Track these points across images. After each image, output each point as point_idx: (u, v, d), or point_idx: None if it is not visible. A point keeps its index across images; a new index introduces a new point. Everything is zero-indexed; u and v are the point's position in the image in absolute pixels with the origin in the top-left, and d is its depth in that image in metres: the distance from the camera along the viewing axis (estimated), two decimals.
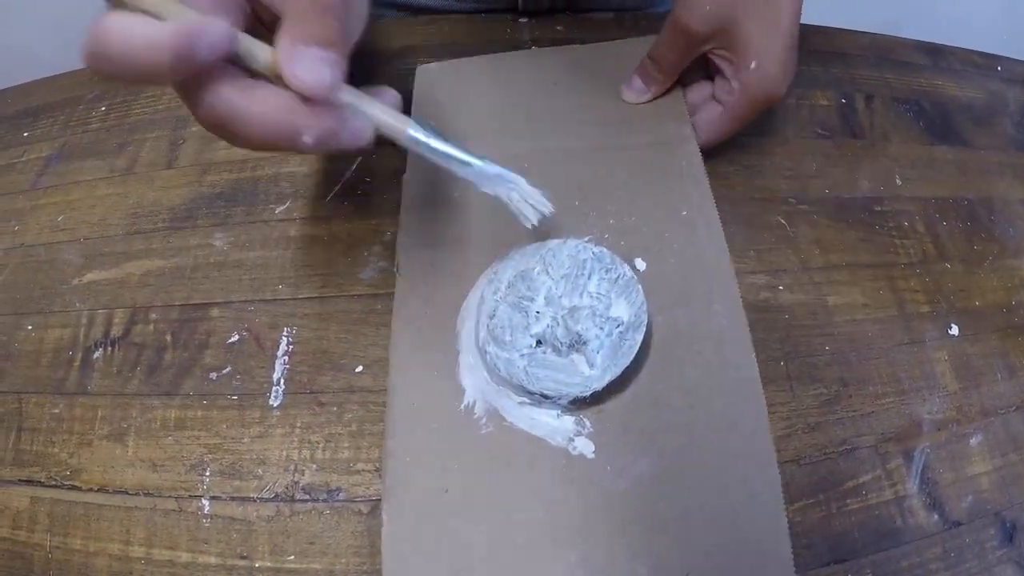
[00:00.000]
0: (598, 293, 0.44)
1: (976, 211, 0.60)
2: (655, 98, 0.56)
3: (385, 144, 0.56)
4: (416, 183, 0.53)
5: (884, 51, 0.72)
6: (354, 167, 0.56)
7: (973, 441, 0.48)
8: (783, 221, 0.55)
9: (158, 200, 0.56)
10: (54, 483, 0.45)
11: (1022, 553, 0.45)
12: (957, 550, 0.44)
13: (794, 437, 0.46)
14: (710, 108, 0.53)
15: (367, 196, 0.54)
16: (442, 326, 0.46)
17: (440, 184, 0.52)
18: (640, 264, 0.48)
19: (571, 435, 0.43)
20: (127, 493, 0.44)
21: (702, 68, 0.55)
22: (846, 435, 0.46)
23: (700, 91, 0.55)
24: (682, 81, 0.56)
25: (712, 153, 0.55)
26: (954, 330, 0.52)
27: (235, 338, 0.48)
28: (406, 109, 0.41)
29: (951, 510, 0.45)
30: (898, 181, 0.60)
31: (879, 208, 0.58)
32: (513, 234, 0.48)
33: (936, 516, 0.45)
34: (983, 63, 0.74)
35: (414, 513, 0.41)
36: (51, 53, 0.69)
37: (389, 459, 0.42)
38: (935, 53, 0.73)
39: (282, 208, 0.54)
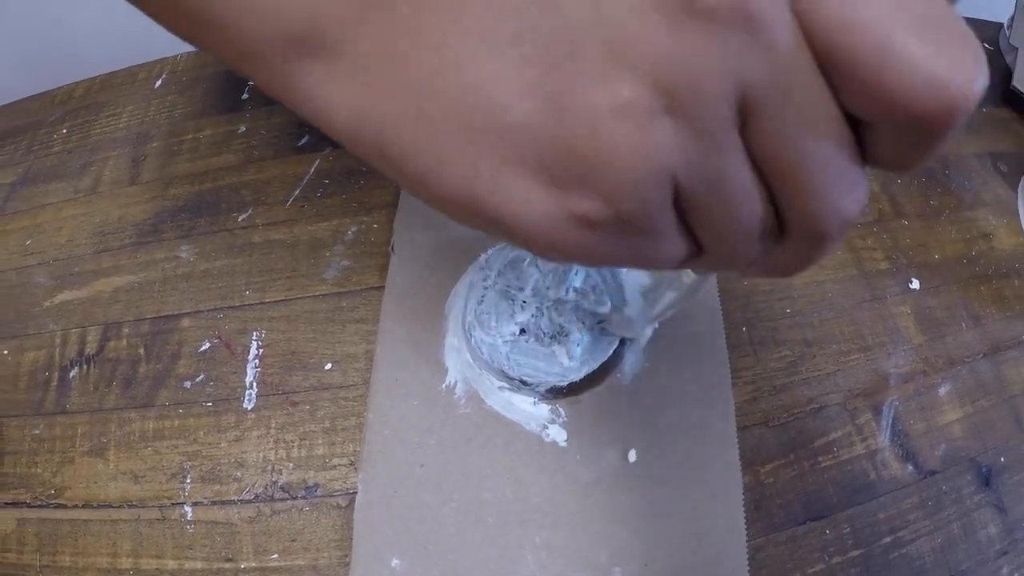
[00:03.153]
0: (583, 289, 0.45)
1: (931, 167, 0.60)
2: None
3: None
4: None
5: None
6: (312, 170, 0.56)
7: (942, 391, 0.49)
8: None
9: (123, 217, 0.57)
10: (40, 503, 0.45)
11: (1000, 497, 0.46)
12: (935, 498, 0.45)
13: (761, 400, 0.46)
14: None
15: (326, 198, 0.55)
16: (431, 307, 0.47)
17: None
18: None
19: (546, 422, 0.44)
20: (111, 506, 0.45)
21: None
22: (813, 394, 0.47)
23: None
24: None
25: None
26: (915, 284, 0.53)
27: (206, 346, 0.49)
28: None
29: (925, 460, 0.46)
30: None
31: None
32: None
33: (910, 467, 0.46)
34: None
35: (388, 484, 0.42)
36: (11, 79, 0.69)
37: (368, 430, 0.43)
38: None
39: (244, 216, 0.55)
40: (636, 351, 0.46)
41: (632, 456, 0.43)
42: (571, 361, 0.43)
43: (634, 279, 0.45)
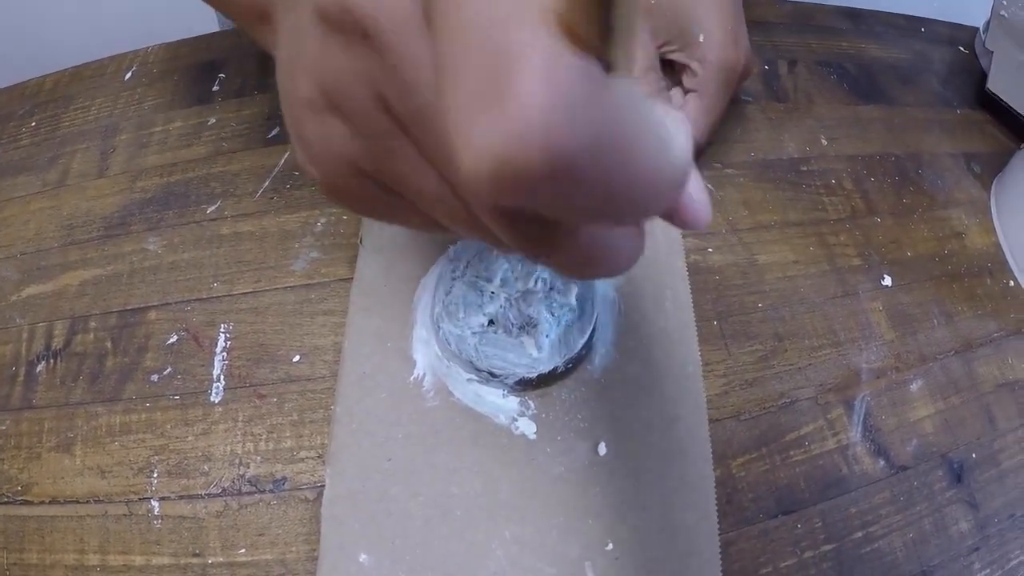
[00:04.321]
0: (552, 280, 0.45)
1: (904, 166, 0.61)
2: None
3: None
4: None
5: (805, 17, 0.73)
6: (281, 162, 0.56)
7: (914, 387, 0.49)
8: (709, 186, 0.56)
9: (91, 210, 0.56)
10: (6, 500, 0.44)
11: (972, 492, 0.46)
12: (906, 494, 0.45)
13: (732, 394, 0.46)
14: (686, 103, 0.54)
15: (295, 190, 0.55)
16: (399, 299, 0.47)
17: None
18: None
19: (515, 415, 0.43)
20: (78, 502, 0.44)
21: (671, 75, 0.56)
22: (784, 388, 0.47)
23: (674, 96, 0.56)
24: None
25: None
26: (887, 281, 0.53)
27: (174, 339, 0.48)
28: None
29: (896, 455, 0.46)
30: (824, 141, 0.61)
31: (805, 168, 0.59)
32: None
33: (882, 462, 0.46)
34: (907, 25, 0.76)
35: (356, 478, 0.41)
36: None
37: (335, 424, 0.43)
38: (856, 17, 0.75)
39: (213, 208, 0.54)
40: (606, 343, 0.46)
41: (602, 449, 0.42)
42: (540, 352, 0.43)
43: None
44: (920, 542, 0.44)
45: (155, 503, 0.43)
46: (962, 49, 0.75)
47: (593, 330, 0.44)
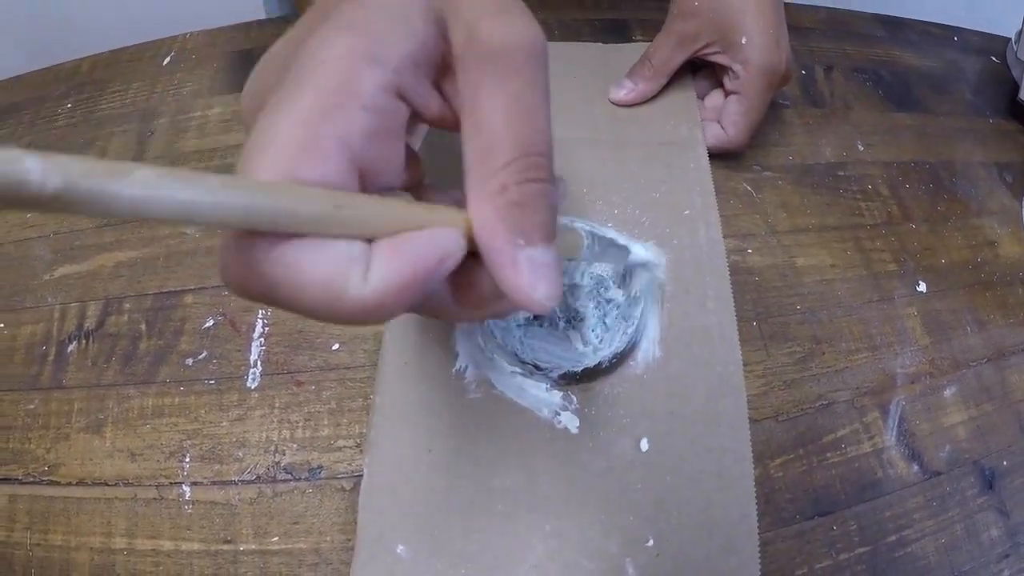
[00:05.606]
0: (600, 275, 0.45)
1: (938, 174, 0.61)
2: (641, 98, 0.57)
3: None
4: (428, 154, 0.53)
5: (841, 24, 0.73)
6: None
7: (947, 393, 0.49)
8: (749, 188, 0.56)
9: None
10: (32, 479, 0.44)
11: (1002, 500, 0.46)
12: (939, 499, 0.45)
13: (771, 394, 0.46)
14: (728, 104, 0.55)
15: None
16: None
17: (453, 157, 0.52)
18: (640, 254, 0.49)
19: (558, 409, 0.43)
20: (106, 485, 0.43)
21: (713, 77, 0.57)
22: (822, 391, 0.47)
23: (716, 97, 0.57)
24: (698, 92, 0.58)
25: None
26: (922, 287, 0.53)
27: (210, 323, 0.48)
28: None
29: (930, 460, 0.46)
30: (860, 147, 0.61)
31: (842, 173, 0.59)
32: None
33: (916, 467, 0.46)
34: (940, 34, 0.76)
35: (395, 469, 0.41)
36: (17, 55, 0.68)
37: (375, 414, 0.42)
38: (892, 25, 0.75)
39: None
40: (650, 340, 0.46)
41: (644, 445, 0.42)
42: (586, 347, 0.43)
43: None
44: (952, 548, 0.44)
45: (186, 488, 0.43)
46: (994, 59, 0.75)
47: (638, 327, 0.44)
